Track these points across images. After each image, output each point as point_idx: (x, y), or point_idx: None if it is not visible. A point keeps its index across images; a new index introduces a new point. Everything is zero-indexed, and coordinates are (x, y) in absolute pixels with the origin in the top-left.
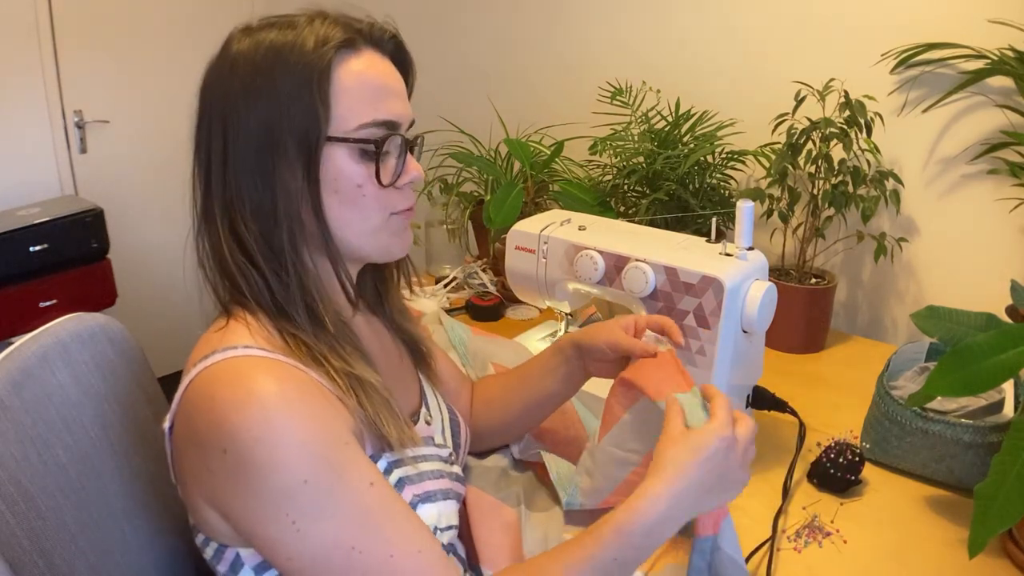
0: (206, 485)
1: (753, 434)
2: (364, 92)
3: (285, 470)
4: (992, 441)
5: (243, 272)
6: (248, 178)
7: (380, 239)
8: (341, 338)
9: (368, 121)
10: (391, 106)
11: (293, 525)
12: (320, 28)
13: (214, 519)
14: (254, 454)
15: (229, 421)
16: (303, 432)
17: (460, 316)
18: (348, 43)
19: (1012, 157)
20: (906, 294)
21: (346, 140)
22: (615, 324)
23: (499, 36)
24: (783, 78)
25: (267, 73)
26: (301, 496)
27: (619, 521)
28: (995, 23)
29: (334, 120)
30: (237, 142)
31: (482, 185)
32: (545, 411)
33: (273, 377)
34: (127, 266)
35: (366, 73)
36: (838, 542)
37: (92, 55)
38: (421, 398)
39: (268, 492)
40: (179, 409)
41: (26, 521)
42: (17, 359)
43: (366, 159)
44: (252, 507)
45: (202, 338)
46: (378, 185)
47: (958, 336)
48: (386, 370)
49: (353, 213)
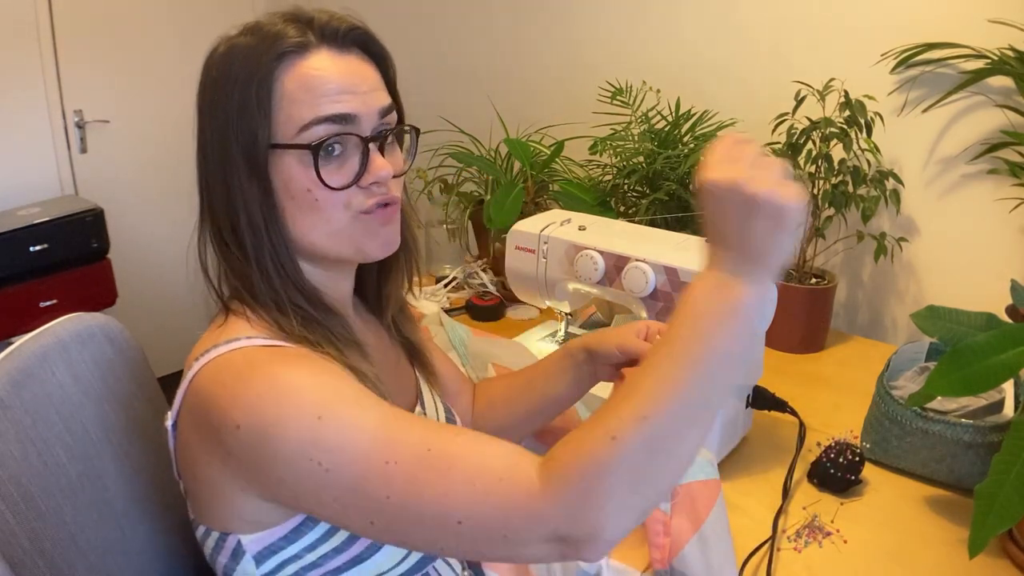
0: (231, 470)
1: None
2: (305, 94)
3: (297, 414)
4: (992, 441)
5: (236, 271)
6: (218, 187)
7: (351, 240)
8: (337, 332)
9: (309, 120)
10: (341, 103)
11: (320, 467)
12: (276, 30)
13: (227, 510)
14: (266, 415)
15: (237, 396)
16: (305, 378)
17: (460, 316)
18: (297, 46)
19: (1012, 157)
20: (906, 294)
21: (287, 146)
22: (627, 329)
23: (499, 36)
24: (783, 78)
25: (224, 82)
26: (319, 435)
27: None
28: (995, 23)
29: (276, 126)
30: (205, 150)
31: (482, 185)
32: (549, 414)
33: (278, 357)
34: (127, 266)
35: (309, 75)
36: (838, 542)
37: (92, 55)
38: (417, 396)
39: (288, 445)
40: (184, 404)
41: (26, 521)
42: (17, 359)
43: (312, 162)
44: (280, 468)
45: (203, 335)
46: (326, 187)
47: (958, 336)
48: (382, 367)
49: (312, 217)
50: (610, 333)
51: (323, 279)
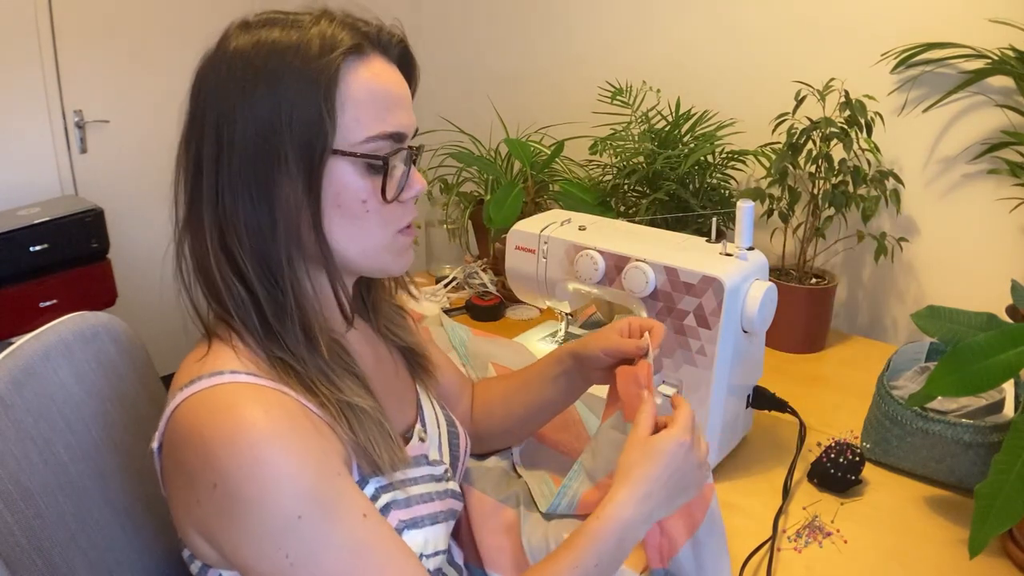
0: (195, 515)
1: (695, 437)
2: (372, 103)
3: (277, 507)
4: (992, 441)
5: (230, 289)
6: (243, 190)
7: (383, 258)
8: (334, 361)
9: (376, 134)
10: (399, 117)
11: (287, 559)
12: (327, 30)
13: (202, 545)
14: (244, 491)
15: (218, 456)
16: (294, 467)
17: (460, 316)
18: (356, 49)
19: (1012, 157)
20: (906, 294)
21: (353, 154)
22: (609, 329)
23: (499, 36)
24: (783, 78)
25: (268, 77)
26: (295, 531)
27: (591, 528)
28: (995, 23)
29: (340, 131)
30: (232, 149)
31: (482, 185)
32: (546, 417)
33: (261, 408)
34: (127, 266)
35: (374, 82)
36: (838, 542)
37: (92, 55)
38: (417, 411)
39: (261, 528)
40: (166, 434)
41: (24, 519)
42: (20, 357)
43: (372, 173)
44: (245, 542)
45: (184, 361)
46: (382, 201)
47: (958, 336)
48: (380, 386)
49: (356, 230)
50: (595, 337)
51: (329, 298)
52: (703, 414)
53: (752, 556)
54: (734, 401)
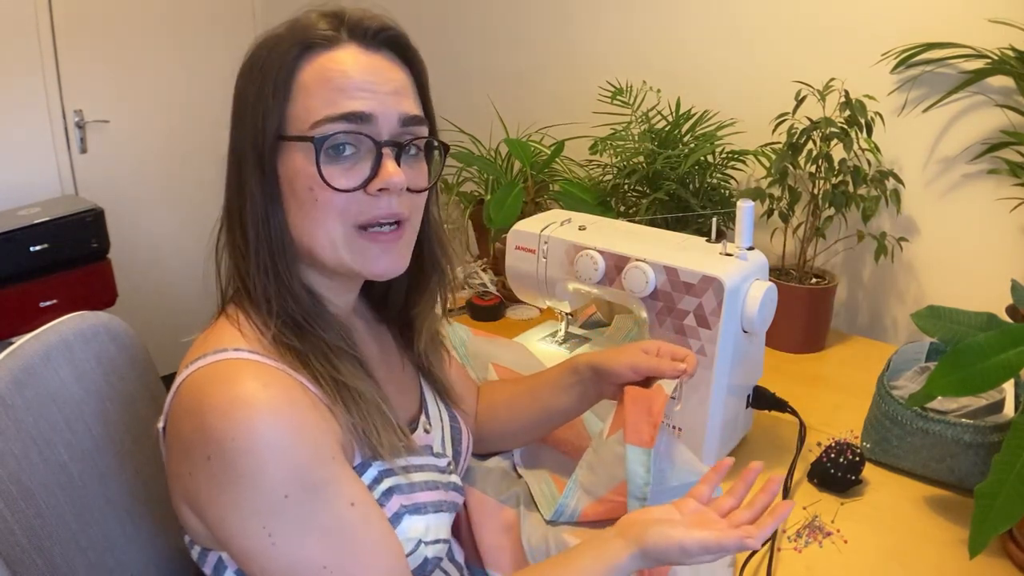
0: (187, 487)
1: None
2: (322, 87)
3: (267, 484)
4: (992, 441)
5: (240, 272)
6: (232, 177)
7: (339, 255)
8: (334, 343)
9: (322, 117)
10: (357, 100)
11: (269, 538)
12: (309, 23)
13: (193, 522)
14: (237, 465)
15: (214, 428)
16: (288, 446)
17: (460, 316)
18: (324, 39)
19: (1012, 157)
20: (906, 294)
21: (292, 138)
22: (635, 348)
23: (499, 36)
24: (783, 78)
25: (247, 72)
26: (280, 510)
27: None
28: (995, 23)
29: (288, 118)
30: (231, 139)
31: (482, 185)
32: (552, 425)
33: (261, 383)
34: (127, 266)
35: (329, 68)
36: (838, 542)
37: (92, 55)
38: (421, 405)
39: (248, 503)
40: (170, 411)
41: (24, 519)
42: (20, 357)
43: (326, 161)
44: (231, 516)
45: (196, 339)
46: (327, 187)
47: (958, 336)
48: (384, 375)
49: (305, 218)
50: (619, 352)
51: (326, 286)
52: (703, 414)
53: (752, 556)
54: (734, 401)
